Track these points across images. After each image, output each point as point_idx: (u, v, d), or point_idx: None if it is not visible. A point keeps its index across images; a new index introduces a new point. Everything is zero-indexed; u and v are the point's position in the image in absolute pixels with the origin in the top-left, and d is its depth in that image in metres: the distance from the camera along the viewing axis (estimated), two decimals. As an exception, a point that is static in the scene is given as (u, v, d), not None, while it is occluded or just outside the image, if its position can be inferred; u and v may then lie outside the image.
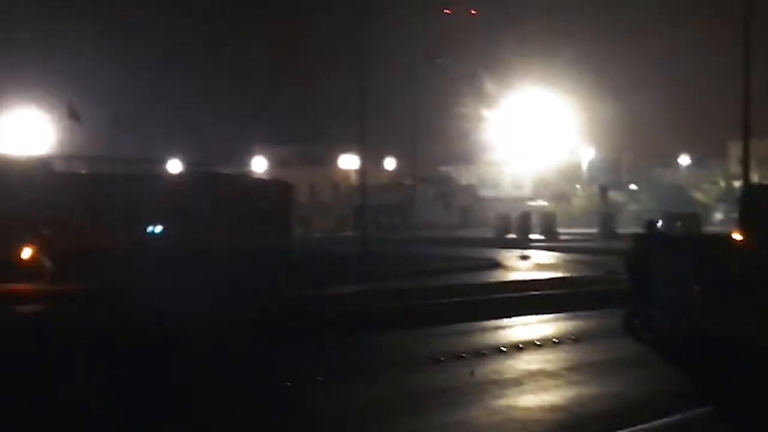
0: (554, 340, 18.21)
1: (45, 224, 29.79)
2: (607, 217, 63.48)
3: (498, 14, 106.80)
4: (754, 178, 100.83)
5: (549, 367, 15.48)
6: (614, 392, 13.62)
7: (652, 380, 14.67)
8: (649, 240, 20.86)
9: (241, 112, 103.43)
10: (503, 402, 12.88)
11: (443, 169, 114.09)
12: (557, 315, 22.59)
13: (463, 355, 16.28)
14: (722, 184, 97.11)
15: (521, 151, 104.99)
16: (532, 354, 16.78)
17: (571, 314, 22.69)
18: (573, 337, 18.58)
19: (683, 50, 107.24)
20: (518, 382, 14.25)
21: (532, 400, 13.04)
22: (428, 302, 24.07)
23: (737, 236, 24.34)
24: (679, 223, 58.37)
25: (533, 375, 14.77)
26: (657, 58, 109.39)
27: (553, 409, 12.51)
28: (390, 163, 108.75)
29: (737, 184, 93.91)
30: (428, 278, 32.28)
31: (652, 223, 21.95)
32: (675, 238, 21.91)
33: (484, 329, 20.20)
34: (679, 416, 12.11)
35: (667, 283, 19.44)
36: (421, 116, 78.34)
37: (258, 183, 58.51)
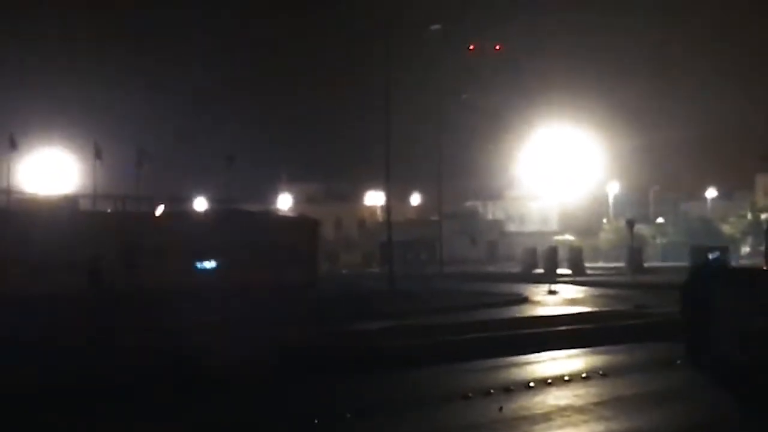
0: (583, 375, 18.05)
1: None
2: (634, 251, 63.18)
3: (523, 49, 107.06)
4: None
5: (578, 402, 15.35)
6: (644, 427, 13.52)
7: (683, 414, 14.58)
8: (707, 271, 20.43)
9: (267, 149, 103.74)
10: (533, 438, 12.82)
11: (470, 204, 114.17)
12: (585, 350, 22.40)
13: (492, 391, 16.16)
14: (749, 216, 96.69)
15: (547, 185, 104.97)
16: (561, 389, 16.64)
17: (599, 349, 22.50)
18: (601, 372, 18.43)
19: (710, 83, 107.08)
20: (547, 417, 14.13)
21: (562, 435, 12.99)
22: (456, 338, 23.92)
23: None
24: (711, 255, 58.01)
25: (562, 410, 14.65)
26: (683, 91, 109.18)
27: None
28: (416, 199, 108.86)
29: (765, 216, 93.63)
30: (455, 314, 32.13)
31: (703, 253, 21.81)
32: (736, 269, 21.67)
33: (513, 365, 20.06)
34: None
35: (731, 315, 19.08)
36: (447, 152, 78.53)
37: (283, 220, 58.69)
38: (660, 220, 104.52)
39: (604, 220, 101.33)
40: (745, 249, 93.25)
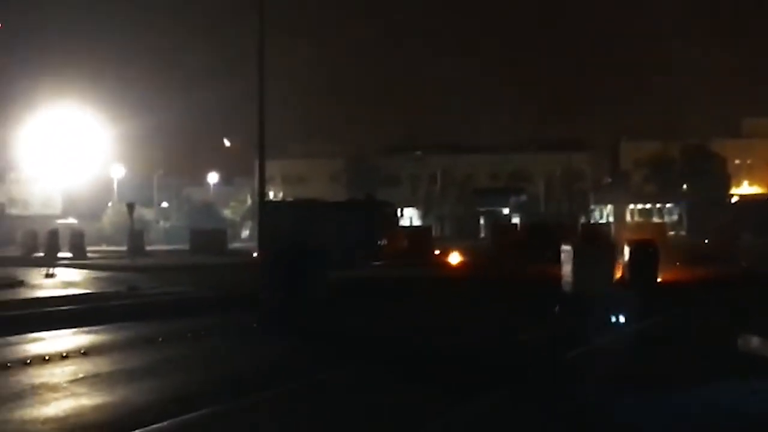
0: (64, 354, 18.14)
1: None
2: (135, 235, 63.51)
3: (25, 27, 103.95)
4: (280, 195, 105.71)
5: (53, 380, 15.46)
6: (116, 401, 13.89)
7: (157, 389, 15.04)
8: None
9: None
10: (-2, 417, 12.88)
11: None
12: (74, 330, 22.46)
13: (-35, 373, 15.97)
14: (249, 201, 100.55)
15: (50, 168, 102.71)
16: (39, 369, 16.65)
17: (88, 329, 22.67)
18: (83, 351, 18.63)
19: (206, 71, 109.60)
20: (19, 396, 14.17)
21: (29, 413, 13.06)
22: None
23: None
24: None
25: (36, 389, 14.72)
26: (183, 78, 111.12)
27: (48, 420, 12.64)
28: None
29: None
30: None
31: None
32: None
33: (-6, 347, 19.78)
34: (172, 421, 12.60)
35: None
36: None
37: None
38: (164, 204, 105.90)
39: (109, 204, 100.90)
40: (245, 232, 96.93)
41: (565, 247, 30.45)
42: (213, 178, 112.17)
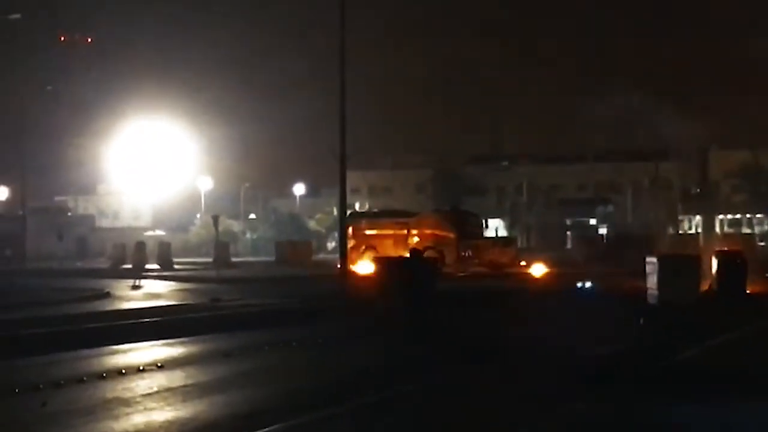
0: (140, 367, 18.12)
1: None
2: (220, 246, 64.03)
3: (113, 41, 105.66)
4: (366, 206, 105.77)
5: (126, 394, 15.43)
6: (186, 416, 13.78)
7: (229, 404, 14.91)
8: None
9: None
10: (68, 432, 12.88)
11: (60, 199, 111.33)
12: (152, 343, 22.51)
13: (41, 386, 15.96)
14: (335, 212, 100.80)
15: (140, 180, 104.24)
16: (113, 382, 16.67)
17: (166, 342, 22.72)
18: (159, 364, 18.61)
19: (296, 82, 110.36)
20: (91, 411, 14.13)
21: (98, 428, 13.04)
22: (22, 333, 23.42)
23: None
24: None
25: (108, 403, 14.68)
26: (268, 88, 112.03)
27: (116, 437, 12.67)
28: (4, 193, 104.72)
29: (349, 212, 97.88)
30: (31, 309, 31.24)
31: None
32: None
33: (73, 359, 19.85)
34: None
35: None
36: (34, 144, 76.09)
37: None
38: (251, 216, 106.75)
39: (197, 216, 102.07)
40: (331, 244, 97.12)
41: (650, 259, 29.93)
42: (299, 189, 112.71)
